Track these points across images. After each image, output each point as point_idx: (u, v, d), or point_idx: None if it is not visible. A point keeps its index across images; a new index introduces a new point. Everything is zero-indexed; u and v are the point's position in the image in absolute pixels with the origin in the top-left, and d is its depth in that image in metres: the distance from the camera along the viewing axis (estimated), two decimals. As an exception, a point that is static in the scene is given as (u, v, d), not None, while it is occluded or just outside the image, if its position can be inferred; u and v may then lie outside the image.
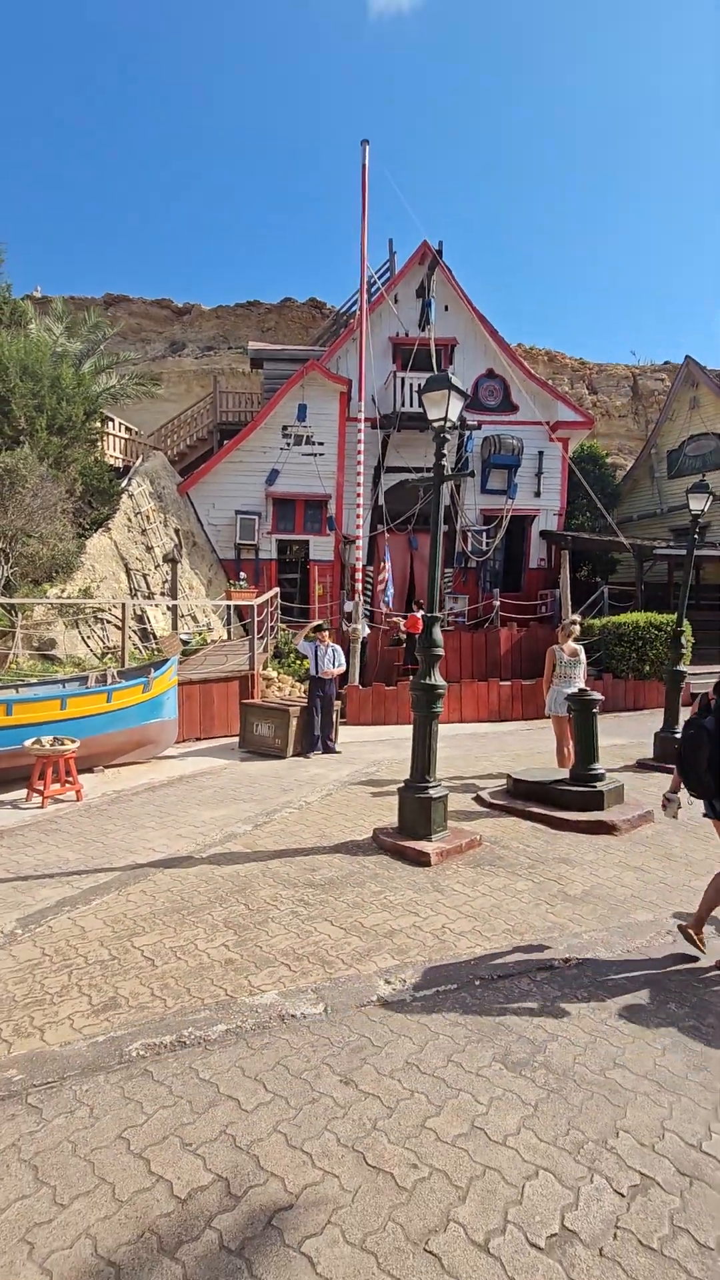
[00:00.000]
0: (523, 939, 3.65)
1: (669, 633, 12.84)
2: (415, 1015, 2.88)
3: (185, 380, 25.45)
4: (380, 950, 3.46)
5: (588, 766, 6.13)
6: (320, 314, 27.28)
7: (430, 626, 5.11)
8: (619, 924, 3.89)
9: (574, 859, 4.96)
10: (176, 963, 3.31)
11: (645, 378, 28.94)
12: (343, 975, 3.20)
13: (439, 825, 5.11)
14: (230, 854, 4.93)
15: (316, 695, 8.81)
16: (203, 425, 18.88)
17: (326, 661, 8.86)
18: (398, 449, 16.96)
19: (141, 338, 27.72)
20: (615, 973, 3.33)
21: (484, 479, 17.42)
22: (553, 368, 27.77)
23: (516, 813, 6.10)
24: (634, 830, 5.75)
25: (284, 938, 3.58)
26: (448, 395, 4.99)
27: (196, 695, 9.96)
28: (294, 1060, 2.56)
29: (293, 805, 6.30)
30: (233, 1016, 2.83)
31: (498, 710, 12.50)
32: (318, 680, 8.81)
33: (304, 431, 16.54)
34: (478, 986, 3.14)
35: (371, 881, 4.39)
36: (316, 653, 8.89)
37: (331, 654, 8.95)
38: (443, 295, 17.15)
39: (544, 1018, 2.89)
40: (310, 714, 8.82)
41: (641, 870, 4.80)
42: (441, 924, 3.79)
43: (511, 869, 4.70)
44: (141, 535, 14.33)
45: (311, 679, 8.87)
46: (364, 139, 14.31)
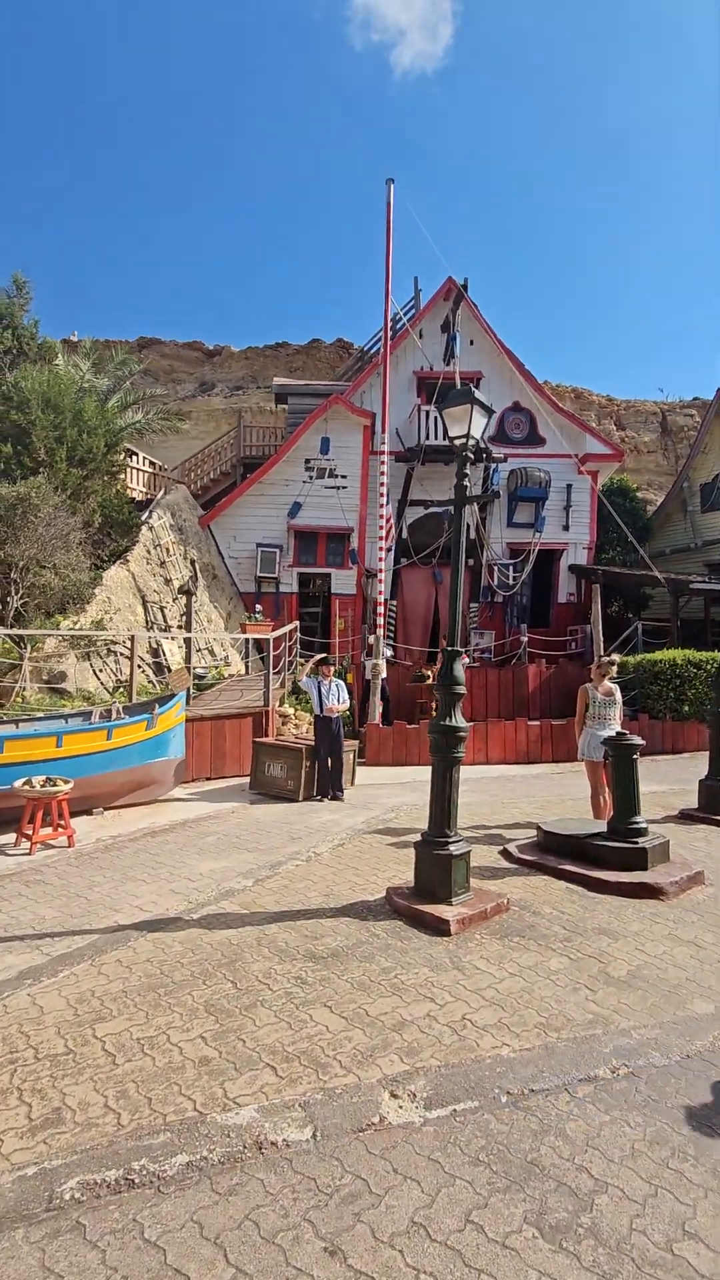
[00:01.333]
0: (559, 1036, 3.04)
1: (710, 671, 12.15)
2: (426, 1147, 2.30)
3: (214, 418, 25.77)
4: (387, 1049, 2.88)
5: (628, 819, 5.49)
6: (347, 354, 27.58)
7: (451, 662, 4.61)
8: (674, 1018, 3.25)
9: (616, 929, 4.32)
10: (142, 1060, 2.77)
11: (674, 414, 28.56)
12: (339, 1084, 2.63)
13: (460, 886, 4.52)
14: (224, 915, 4.40)
15: (324, 735, 8.28)
16: (226, 459, 18.90)
17: (331, 698, 8.33)
18: (421, 482, 16.68)
19: (173, 378, 28.29)
20: (675, 1087, 2.71)
21: (510, 512, 17.01)
22: (580, 404, 27.54)
23: (548, 870, 5.46)
24: (683, 894, 5.08)
25: (273, 1029, 3.02)
26: (470, 410, 4.59)
27: (208, 732, 9.52)
28: (268, 1214, 2.00)
29: (300, 857, 5.75)
30: (198, 1143, 2.28)
31: (525, 752, 11.82)
32: (324, 719, 8.28)
33: (327, 464, 16.38)
34: (504, 1105, 2.55)
35: (381, 954, 3.82)
36: (319, 689, 8.36)
37: (336, 690, 8.42)
38: (468, 330, 17.06)
39: (590, 1155, 2.29)
40: (318, 755, 8.28)
41: (696, 945, 4.14)
42: (461, 1014, 3.19)
43: (544, 941, 4.09)
44: (160, 567, 14.16)
45: (318, 718, 8.35)
46: (389, 178, 14.42)
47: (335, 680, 8.54)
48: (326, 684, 8.40)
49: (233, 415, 24.04)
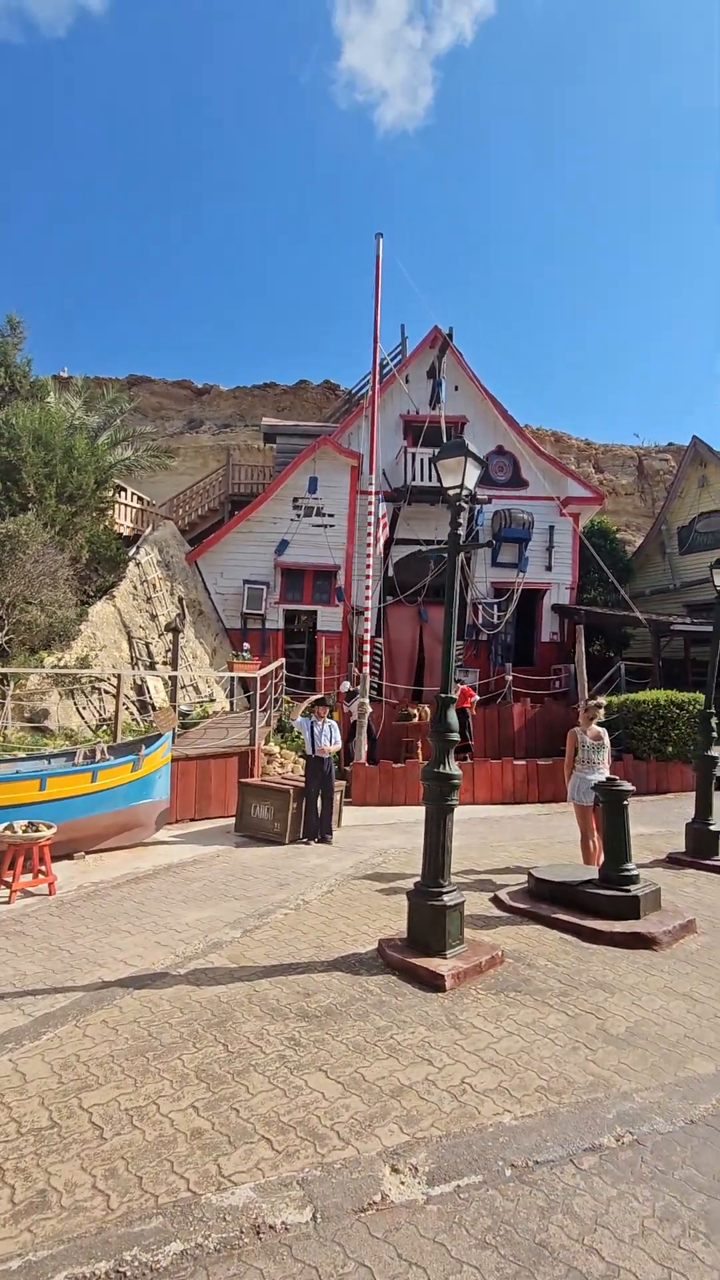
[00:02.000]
0: (561, 1101, 2.96)
1: (692, 712, 12.27)
2: (431, 1228, 2.21)
3: (201, 455, 26.04)
4: (386, 1118, 2.79)
5: (619, 866, 5.47)
6: (334, 395, 28.16)
7: (444, 709, 4.61)
8: (676, 1079, 3.19)
9: (612, 983, 4.26)
10: (132, 1133, 2.65)
11: (650, 458, 29.41)
12: (338, 1158, 2.53)
13: (454, 938, 4.45)
14: (212, 970, 4.27)
15: (314, 776, 8.17)
16: (214, 496, 19.04)
17: (324, 739, 8.25)
18: (408, 521, 16.91)
19: (161, 415, 28.62)
20: (681, 1156, 2.64)
21: (495, 552, 17.27)
22: (559, 448, 28.27)
23: (541, 919, 5.40)
24: (677, 944, 5.04)
25: (267, 1096, 2.91)
26: (464, 463, 4.69)
27: (193, 772, 9.37)
28: (268, 1308, 1.90)
29: (289, 905, 5.63)
30: (193, 1228, 2.17)
31: (512, 792, 11.78)
32: (316, 760, 8.19)
33: (315, 503, 16.57)
34: (509, 1178, 2.46)
35: (376, 1012, 3.72)
36: (313, 729, 8.29)
37: (329, 731, 8.35)
38: (453, 376, 17.54)
39: (599, 1234, 2.21)
40: (308, 796, 8.16)
41: (691, 999, 4.10)
42: (460, 1077, 3.11)
43: (540, 997, 4.01)
44: (147, 603, 14.10)
45: (309, 758, 8.26)
46: (378, 232, 14.97)
47: (329, 721, 8.47)
48: (320, 725, 8.33)
49: (220, 453, 24.33)
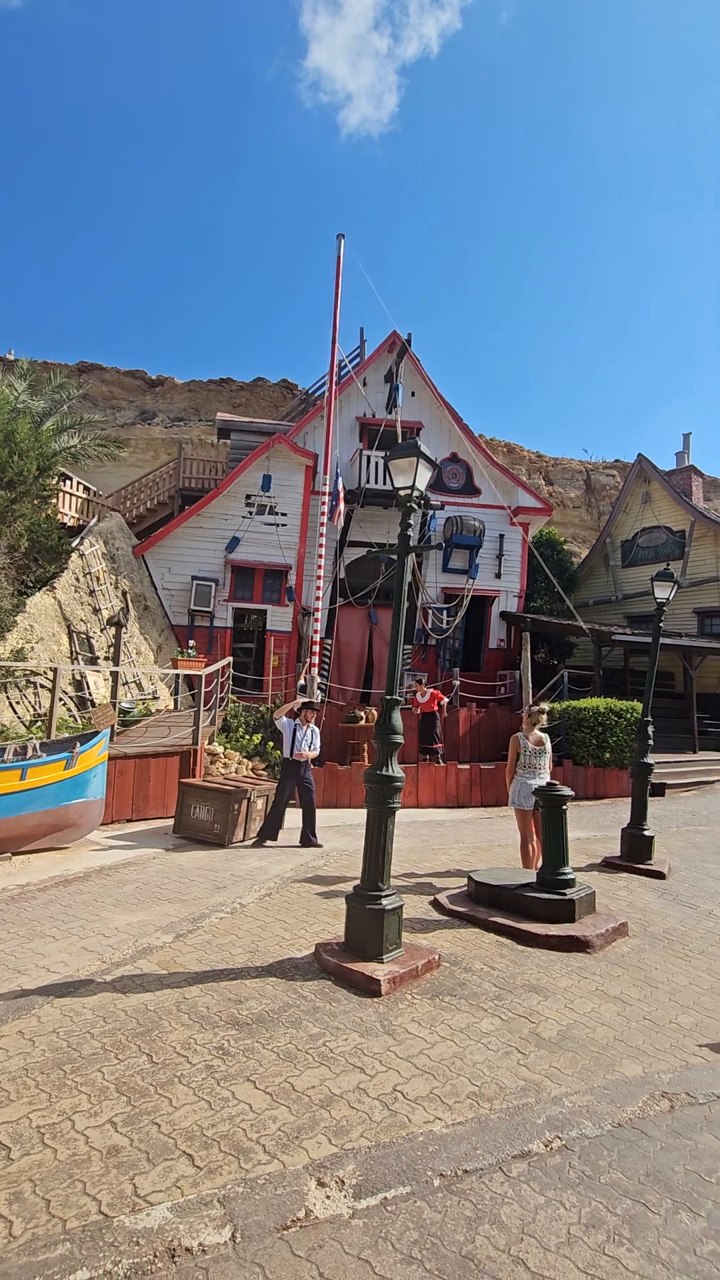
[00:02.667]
0: (492, 1107, 2.94)
1: (630, 720, 12.63)
2: (355, 1244, 2.14)
3: (153, 447, 25.45)
4: (314, 1129, 2.71)
5: (557, 870, 5.54)
6: (291, 394, 27.97)
7: (389, 711, 4.57)
8: (604, 1082, 3.22)
9: (545, 986, 4.30)
10: (42, 1153, 2.49)
11: (597, 473, 30.31)
12: (262, 1173, 2.43)
13: (392, 942, 4.40)
14: (141, 976, 4.10)
15: (290, 779, 8.06)
16: (164, 489, 18.60)
17: (305, 744, 8.14)
18: (360, 524, 16.90)
19: (113, 405, 27.85)
20: (608, 1160, 2.65)
21: (446, 558, 17.44)
22: (512, 458, 28.84)
23: (479, 923, 5.41)
24: (609, 947, 5.13)
25: (191, 1109, 2.79)
26: (416, 463, 4.67)
27: (131, 771, 9.08)
28: (179, 1338, 1.79)
29: (224, 908, 5.48)
30: (102, 1254, 2.04)
31: (455, 796, 11.86)
32: (293, 762, 8.07)
33: (267, 501, 16.37)
34: (437, 1189, 2.42)
35: (309, 1019, 3.63)
36: (295, 733, 8.15)
37: (309, 735, 8.25)
38: (410, 381, 17.64)
39: (526, 1244, 2.19)
40: (280, 798, 8.05)
41: (622, 1002, 4.16)
42: (392, 1085, 3.05)
43: (475, 1001, 4.00)
44: (90, 596, 13.63)
45: (286, 761, 8.13)
46: (339, 233, 14.92)
47: (311, 727, 8.37)
48: (304, 729, 8.22)
49: (172, 446, 23.81)
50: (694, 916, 5.99)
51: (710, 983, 4.56)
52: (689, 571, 19.46)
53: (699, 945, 5.27)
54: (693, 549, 19.52)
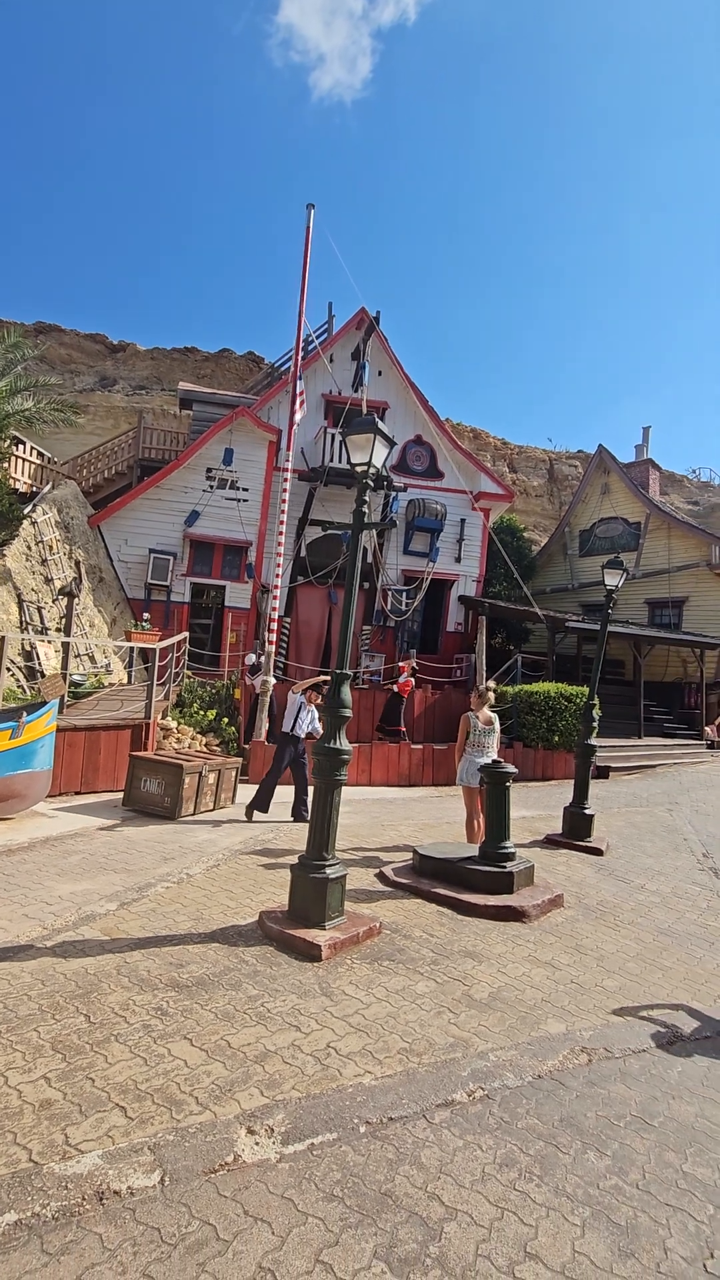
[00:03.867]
0: (420, 1061, 3.08)
1: (579, 705, 13.01)
2: (280, 1185, 2.24)
3: (113, 415, 24.74)
4: (248, 1082, 2.79)
5: (498, 844, 5.73)
6: (257, 367, 27.49)
7: (339, 685, 4.63)
8: (529, 1038, 3.39)
9: (481, 952, 4.47)
10: (-27, 1107, 2.51)
11: (560, 463, 30.74)
12: (193, 1123, 2.51)
13: (335, 910, 4.51)
14: (83, 942, 4.11)
15: (284, 753, 8.15)
16: (123, 459, 18.15)
17: (305, 723, 8.25)
18: (323, 502, 16.83)
19: (71, 369, 26.94)
20: (526, 1107, 2.81)
21: (407, 540, 17.52)
22: (477, 444, 29.00)
23: (422, 894, 5.57)
24: (544, 917, 5.35)
25: (127, 1065, 2.84)
26: (373, 440, 4.70)
27: (81, 743, 8.96)
28: (104, 1273, 1.85)
29: (171, 879, 5.51)
30: (30, 1198, 2.09)
31: (408, 775, 12.06)
32: (290, 737, 8.17)
33: (229, 476, 16.14)
34: (363, 1135, 2.53)
35: (249, 982, 3.71)
36: (300, 710, 8.24)
37: (310, 717, 8.36)
38: (377, 361, 17.53)
39: (442, 1181, 2.32)
40: (275, 771, 8.13)
41: (552, 966, 4.36)
42: (326, 1042, 3.16)
43: (412, 965, 4.15)
44: (41, 565, 13.28)
45: (283, 735, 8.23)
46: (309, 203, 14.62)
47: (314, 709, 8.48)
48: (308, 710, 8.32)
49: (133, 414, 23.21)
50: (626, 890, 6.27)
51: (636, 950, 4.80)
52: (642, 563, 20.01)
53: (629, 916, 5.54)
54: (647, 541, 20.05)
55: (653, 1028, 3.65)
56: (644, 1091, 3.02)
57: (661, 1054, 3.39)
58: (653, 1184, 2.42)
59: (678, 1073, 3.22)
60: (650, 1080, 3.13)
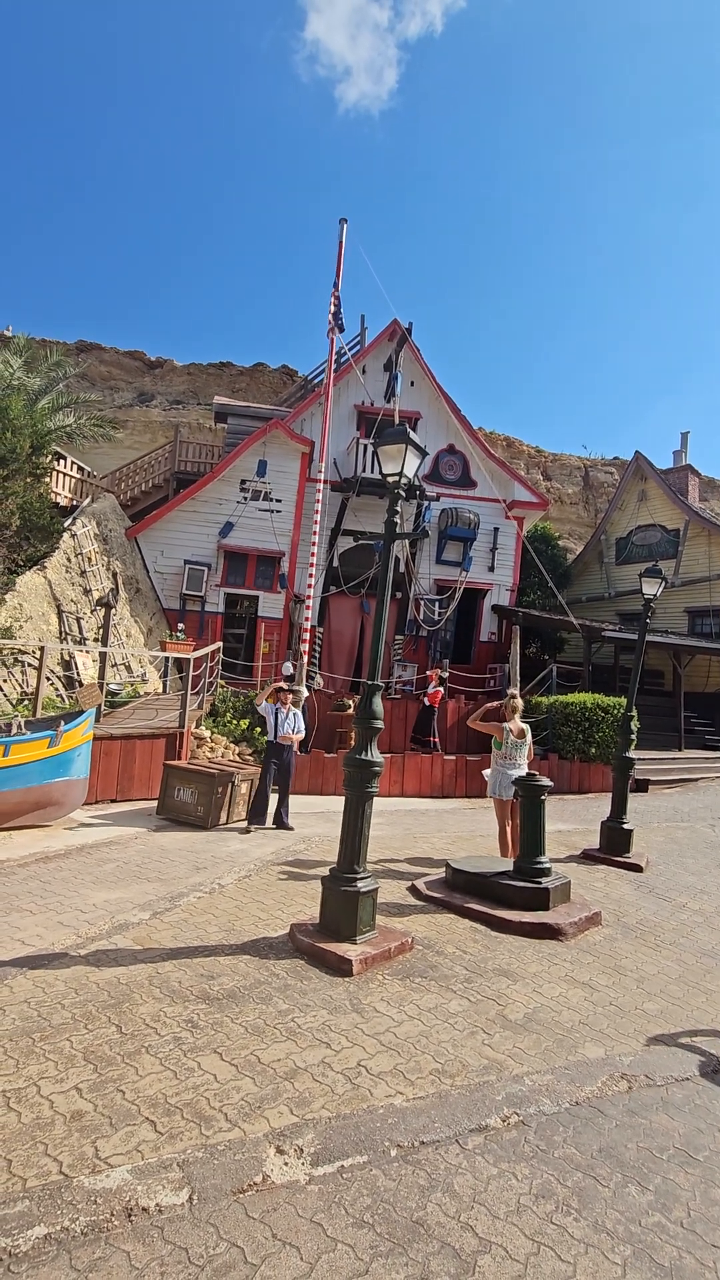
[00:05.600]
0: (453, 1083, 3.00)
1: (616, 716, 12.72)
2: (309, 1208, 2.19)
3: (150, 430, 25.29)
4: (277, 1099, 2.76)
5: (533, 859, 5.61)
6: (291, 380, 27.81)
7: (370, 696, 4.60)
8: (566, 1063, 3.29)
9: (515, 971, 4.36)
10: (6, 1115, 2.53)
11: (595, 470, 30.31)
12: (222, 1140, 2.48)
13: (366, 924, 4.46)
14: (116, 951, 4.14)
15: (272, 762, 8.15)
16: (159, 472, 18.51)
17: (286, 726, 8.23)
18: (355, 513, 16.88)
19: (111, 385, 27.67)
20: (563, 1135, 2.72)
21: (440, 550, 17.44)
22: (510, 452, 28.80)
23: (454, 909, 5.48)
24: (581, 935, 5.20)
25: (157, 1078, 2.84)
26: (405, 450, 4.68)
27: (117, 752, 9.10)
28: (131, 1291, 1.84)
29: (203, 888, 5.53)
30: (60, 1212, 2.08)
31: (440, 786, 11.94)
32: (276, 745, 8.17)
33: (263, 487, 16.31)
34: (394, 1159, 2.47)
35: (279, 996, 3.68)
36: (277, 716, 8.25)
37: (293, 719, 8.33)
38: (409, 371, 17.57)
39: (476, 1211, 2.25)
40: (264, 781, 8.12)
41: (590, 987, 4.23)
42: (357, 1060, 3.11)
43: (445, 983, 4.07)
44: (81, 577, 13.59)
45: (270, 744, 8.22)
46: (342, 218, 14.81)
47: (293, 709, 8.43)
48: (284, 711, 8.28)
49: (169, 429, 23.67)
50: (667, 909, 6.07)
51: (678, 972, 4.63)
52: (682, 571, 19.55)
53: (670, 937, 5.35)
54: (686, 548, 19.59)
55: (697, 1055, 3.50)
56: (688, 1123, 2.90)
57: (706, 1083, 3.25)
58: (698, 1223, 2.31)
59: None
60: (695, 1111, 3.00)
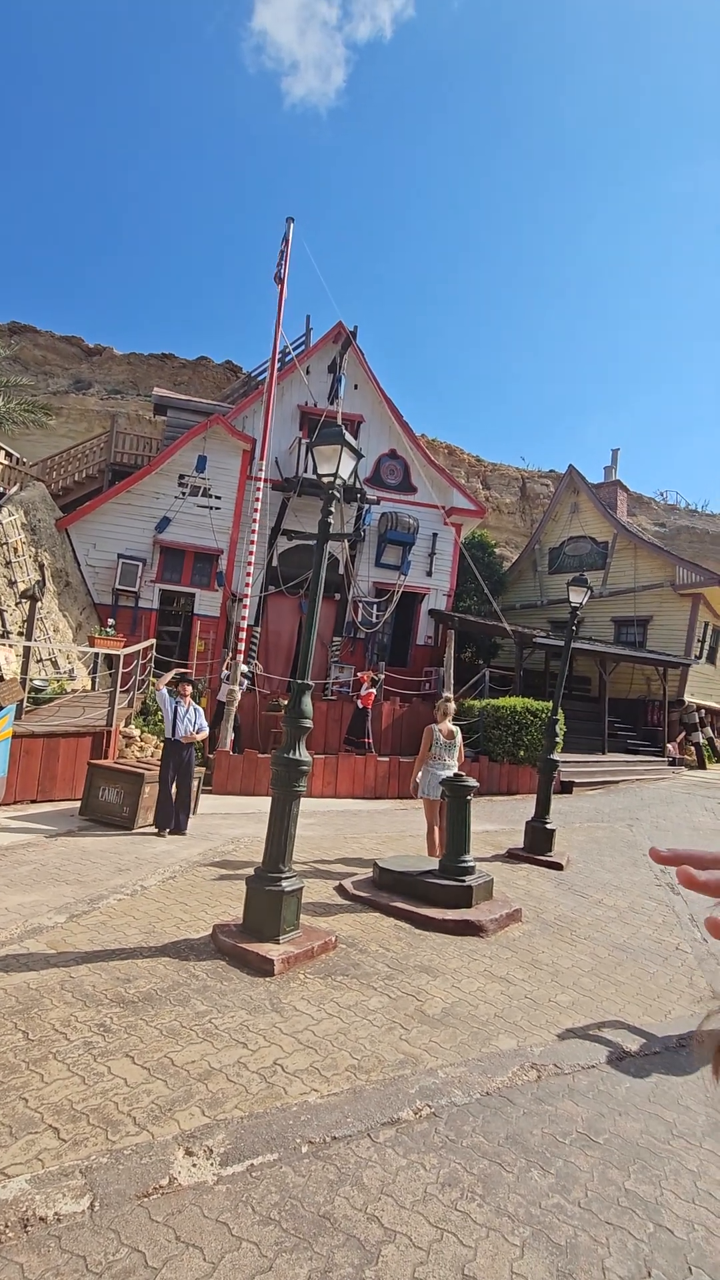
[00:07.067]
0: (369, 1079, 3.03)
1: (545, 720, 13.14)
2: (215, 1208, 2.17)
3: (87, 419, 24.46)
4: (189, 1101, 2.72)
5: (458, 858, 5.73)
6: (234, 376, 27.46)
7: (300, 695, 4.60)
8: (479, 1055, 3.37)
9: (436, 967, 4.44)
10: None
11: (532, 481, 31.25)
12: (129, 1144, 2.43)
13: (290, 924, 4.44)
14: (27, 955, 3.99)
15: (170, 761, 7.63)
16: (94, 462, 17.92)
17: (186, 723, 7.73)
18: (296, 513, 16.82)
19: (45, 370, 26.61)
20: (473, 1125, 2.79)
21: (379, 553, 17.58)
22: (451, 460, 29.34)
23: (380, 907, 5.53)
24: (501, 931, 5.34)
25: (64, 1084, 2.75)
26: (340, 451, 4.70)
27: (39, 750, 8.74)
28: (22, 1304, 1.78)
29: (125, 890, 5.38)
30: (-52, 1226, 1.99)
31: (373, 787, 12.02)
32: (174, 744, 7.67)
33: (202, 483, 16.05)
34: (304, 1155, 2.48)
35: (198, 997, 3.63)
36: (175, 710, 7.74)
37: (191, 714, 7.80)
38: (353, 374, 17.66)
39: (382, 1202, 2.28)
40: (163, 782, 7.66)
41: (507, 982, 4.35)
42: (273, 1059, 3.10)
43: (366, 980, 4.10)
44: (5, 568, 13.00)
45: (168, 742, 7.73)
46: (289, 216, 14.75)
47: (193, 704, 7.90)
48: (184, 706, 7.76)
49: (106, 418, 22.98)
50: (585, 905, 6.31)
51: (591, 965, 4.83)
52: (609, 581, 20.38)
53: (585, 931, 5.57)
54: (614, 560, 20.44)
55: (603, 1044, 3.65)
56: (591, 1108, 3.02)
57: (610, 1070, 3.39)
58: (594, 1202, 2.41)
59: (625, 1089, 3.23)
60: (598, 1097, 3.13)
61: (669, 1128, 2.93)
